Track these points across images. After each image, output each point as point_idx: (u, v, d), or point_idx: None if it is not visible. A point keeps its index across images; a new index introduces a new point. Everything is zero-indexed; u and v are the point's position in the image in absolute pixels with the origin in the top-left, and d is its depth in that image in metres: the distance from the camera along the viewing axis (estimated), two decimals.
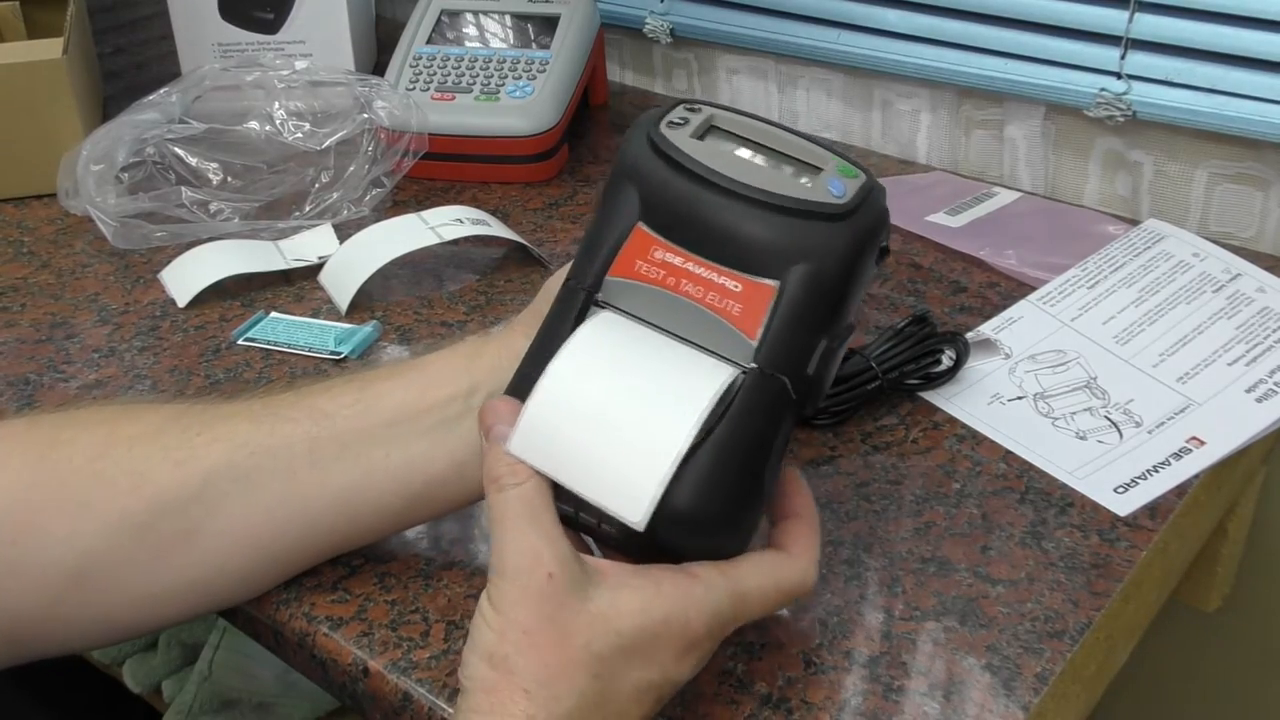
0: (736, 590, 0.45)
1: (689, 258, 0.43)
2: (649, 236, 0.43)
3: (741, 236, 0.43)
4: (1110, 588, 0.56)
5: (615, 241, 0.44)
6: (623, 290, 0.44)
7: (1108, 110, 0.84)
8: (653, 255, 0.43)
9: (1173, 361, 0.70)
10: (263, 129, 0.89)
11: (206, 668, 0.98)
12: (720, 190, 0.43)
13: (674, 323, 0.43)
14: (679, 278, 0.43)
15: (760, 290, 0.42)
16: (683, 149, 0.44)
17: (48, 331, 0.77)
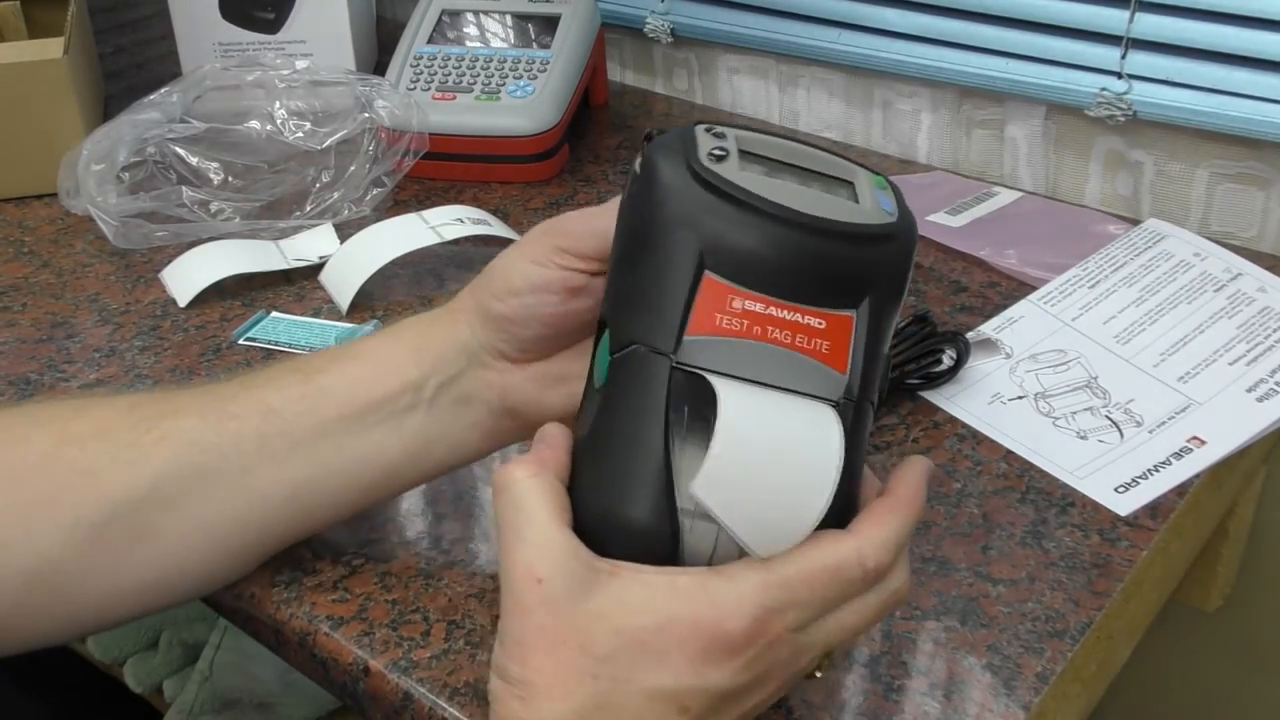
0: (773, 579, 0.40)
1: (770, 302, 0.41)
2: (721, 285, 0.40)
3: (822, 272, 0.41)
4: (1111, 587, 0.56)
5: (685, 296, 0.41)
6: (706, 348, 0.41)
7: (1108, 110, 0.84)
8: (731, 305, 0.40)
9: (1173, 361, 0.70)
10: (263, 128, 0.89)
11: (207, 667, 0.98)
12: (794, 226, 0.41)
13: (763, 371, 0.41)
14: (764, 325, 0.40)
15: (841, 322, 0.41)
16: (741, 184, 0.41)
17: (48, 331, 0.77)
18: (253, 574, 0.56)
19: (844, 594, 0.42)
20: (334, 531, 0.59)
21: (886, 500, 0.43)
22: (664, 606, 0.40)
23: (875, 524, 0.42)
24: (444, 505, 0.61)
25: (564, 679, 0.40)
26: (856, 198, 0.43)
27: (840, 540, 0.41)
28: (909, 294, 0.47)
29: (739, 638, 0.40)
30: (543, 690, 0.40)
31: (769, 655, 0.41)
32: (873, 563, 0.42)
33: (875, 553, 0.42)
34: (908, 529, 0.43)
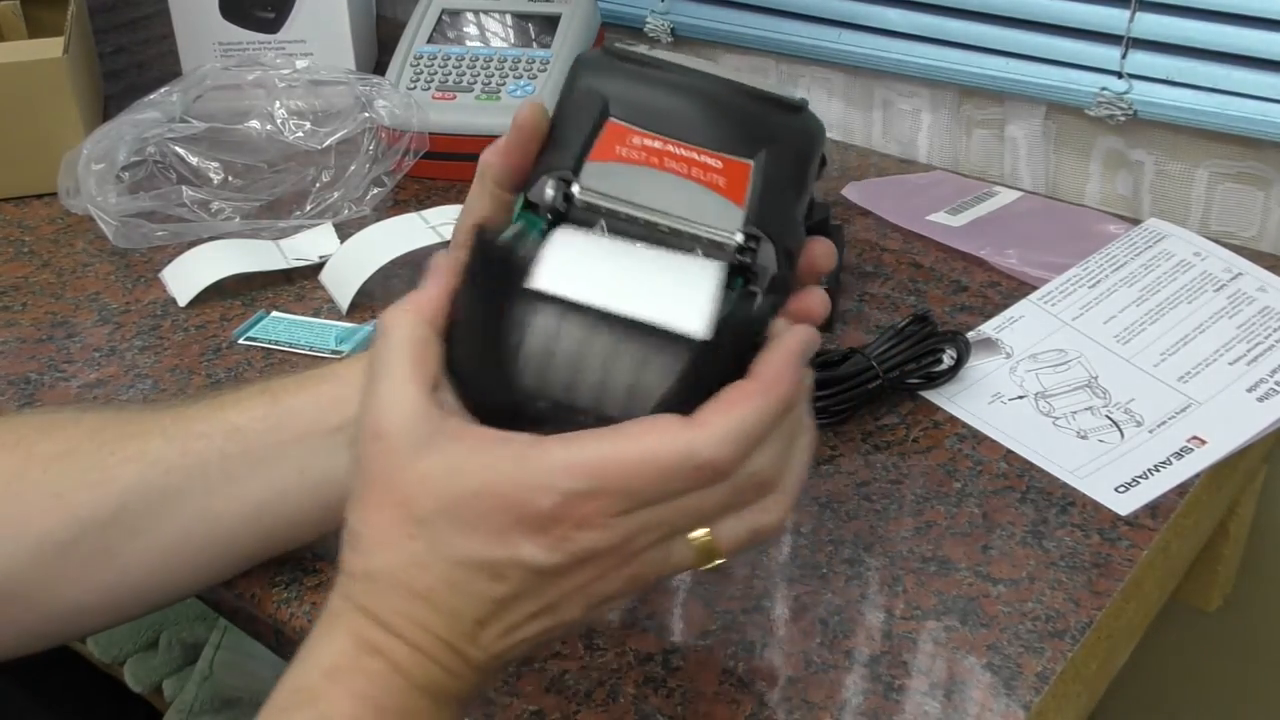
0: (585, 464, 0.38)
1: (668, 140, 0.43)
2: (623, 127, 0.43)
3: (715, 119, 0.44)
4: (1111, 587, 0.56)
5: (587, 134, 0.43)
6: (605, 173, 0.43)
7: (1109, 109, 0.84)
8: (631, 142, 0.43)
9: (1174, 361, 0.70)
10: (263, 128, 0.89)
11: (207, 667, 0.98)
12: (684, 75, 0.44)
13: (661, 200, 0.42)
14: (661, 157, 0.43)
15: (738, 166, 0.43)
16: (643, 53, 0.45)
17: (49, 331, 0.77)
18: (253, 574, 0.56)
19: (670, 490, 0.38)
20: (334, 531, 0.58)
21: (741, 385, 0.39)
22: (480, 476, 0.39)
23: (719, 413, 0.38)
24: None
25: (387, 535, 0.40)
26: (746, 78, 0.46)
27: (668, 432, 0.38)
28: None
29: (544, 515, 0.38)
30: (370, 542, 0.41)
31: (583, 537, 0.38)
32: (706, 457, 0.38)
33: (711, 447, 0.38)
34: (764, 419, 0.39)
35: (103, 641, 1.02)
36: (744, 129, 0.44)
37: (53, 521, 0.50)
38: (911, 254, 0.83)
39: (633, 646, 0.53)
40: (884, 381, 0.67)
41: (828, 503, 0.61)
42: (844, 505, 0.61)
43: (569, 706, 0.50)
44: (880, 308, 0.77)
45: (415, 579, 0.40)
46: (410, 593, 0.40)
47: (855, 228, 0.87)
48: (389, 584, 0.40)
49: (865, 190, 0.91)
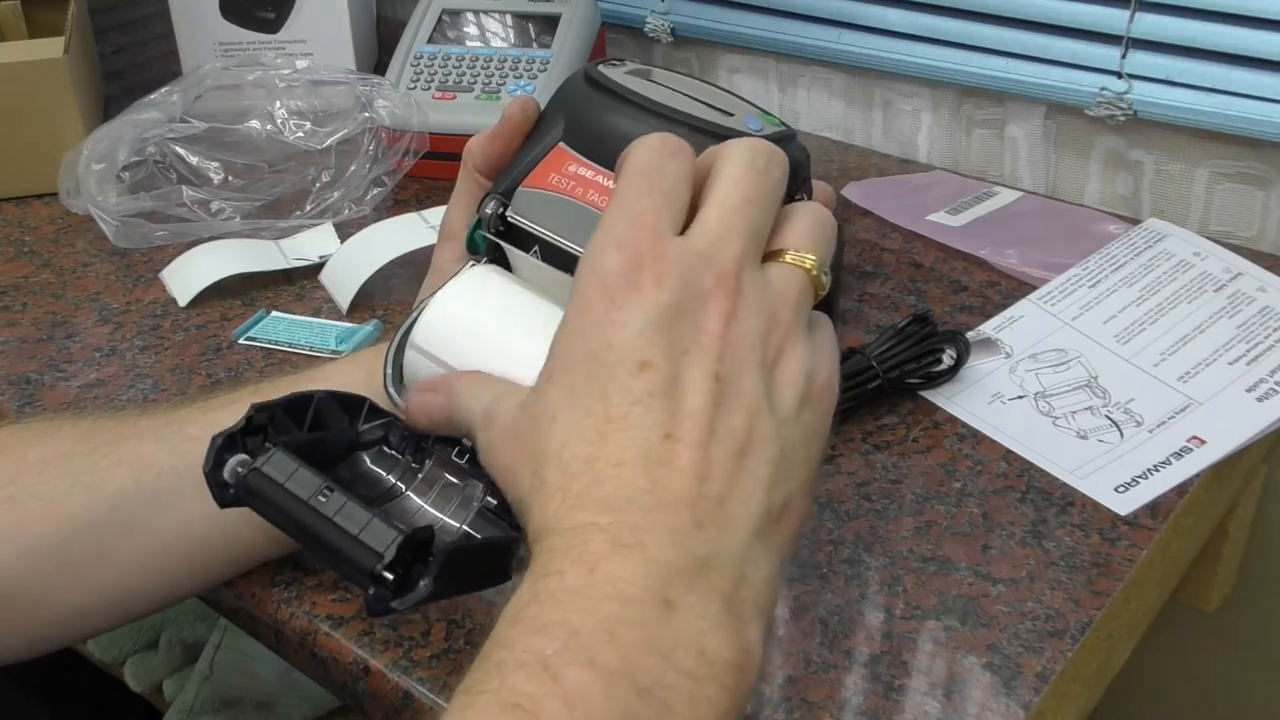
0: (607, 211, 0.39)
1: (600, 171, 0.44)
2: (567, 154, 0.44)
3: None
4: (1111, 587, 0.56)
5: (534, 159, 0.45)
6: (532, 200, 0.44)
7: (1108, 109, 0.84)
8: (566, 169, 0.44)
9: (1173, 361, 0.70)
10: (264, 128, 0.89)
11: (207, 667, 0.98)
12: (635, 107, 0.44)
13: (576, 232, 0.43)
14: (587, 188, 0.44)
15: None
16: (613, 78, 0.45)
17: (49, 330, 0.77)
18: (253, 574, 0.56)
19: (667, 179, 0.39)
20: None
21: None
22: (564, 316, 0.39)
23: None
24: None
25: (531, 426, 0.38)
26: (727, 114, 0.46)
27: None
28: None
29: (620, 269, 0.37)
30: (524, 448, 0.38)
31: (669, 265, 0.37)
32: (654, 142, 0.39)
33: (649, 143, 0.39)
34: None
35: (103, 641, 1.02)
36: None
37: (46, 525, 0.50)
38: (911, 254, 0.83)
39: None
40: (884, 381, 0.67)
41: (828, 502, 0.61)
42: (844, 505, 0.61)
43: None
44: (880, 307, 0.77)
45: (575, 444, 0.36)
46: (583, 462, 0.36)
47: (855, 227, 0.87)
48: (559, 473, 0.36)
49: (865, 190, 0.91)
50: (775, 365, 0.38)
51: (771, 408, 0.37)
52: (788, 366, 0.38)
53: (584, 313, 0.37)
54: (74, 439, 0.53)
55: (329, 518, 0.41)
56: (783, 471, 0.37)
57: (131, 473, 0.51)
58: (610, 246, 0.38)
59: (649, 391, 0.36)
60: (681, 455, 0.35)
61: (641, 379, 0.36)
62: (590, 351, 0.37)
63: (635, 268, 0.37)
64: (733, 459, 0.36)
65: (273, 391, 0.53)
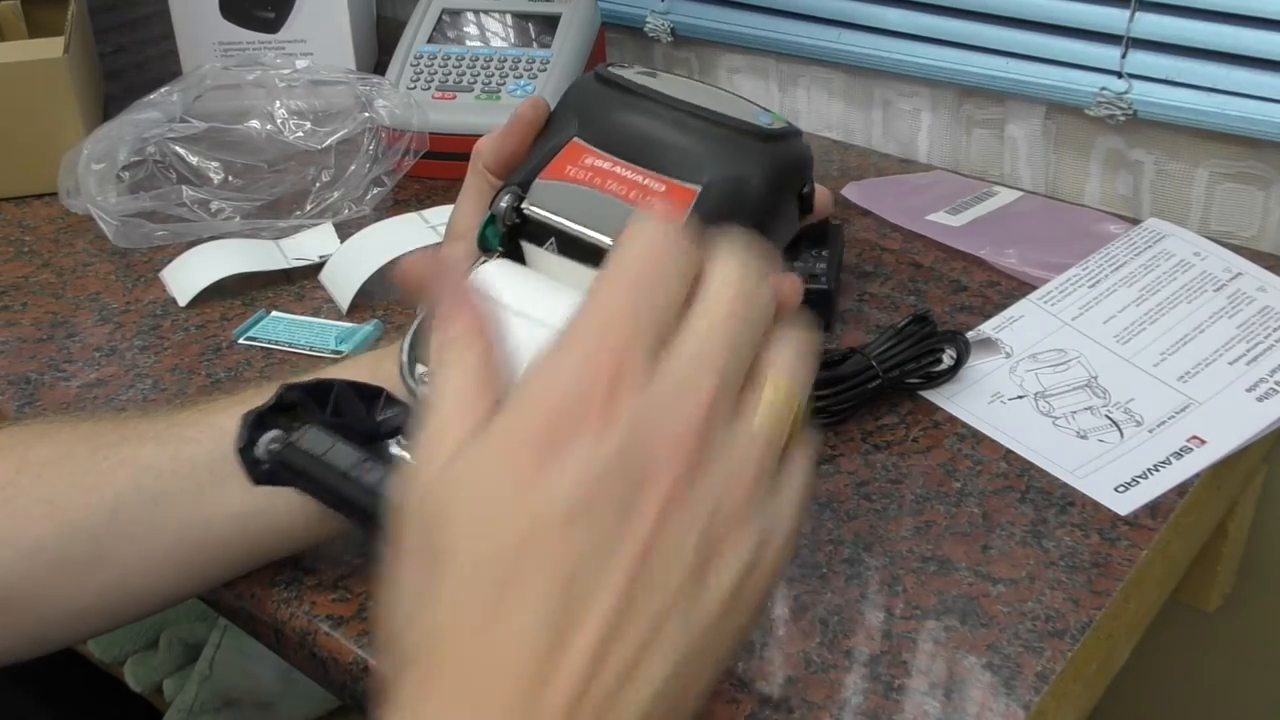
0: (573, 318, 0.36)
1: (617, 162, 0.44)
2: (583, 147, 0.45)
3: (667, 142, 0.44)
4: (1111, 587, 0.56)
5: (549, 152, 0.45)
6: (549, 191, 0.44)
7: (1109, 109, 0.84)
8: (583, 162, 0.44)
9: (1173, 360, 0.70)
10: (264, 128, 0.89)
11: (207, 667, 0.98)
12: (651, 101, 0.45)
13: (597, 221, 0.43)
14: (605, 179, 0.44)
15: (682, 191, 0.43)
16: (626, 77, 0.46)
17: (49, 330, 0.77)
18: (253, 574, 0.56)
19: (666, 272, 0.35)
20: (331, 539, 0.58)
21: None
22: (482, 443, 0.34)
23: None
24: None
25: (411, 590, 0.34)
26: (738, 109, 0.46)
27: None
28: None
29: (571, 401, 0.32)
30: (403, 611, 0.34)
31: (626, 399, 0.32)
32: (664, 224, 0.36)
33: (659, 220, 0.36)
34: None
35: (103, 641, 1.02)
36: (697, 154, 0.44)
37: (46, 529, 0.50)
38: (911, 254, 0.83)
39: None
40: (884, 381, 0.67)
41: (828, 502, 0.61)
42: (844, 505, 0.61)
43: None
44: (880, 307, 0.77)
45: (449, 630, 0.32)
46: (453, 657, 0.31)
47: (855, 227, 0.87)
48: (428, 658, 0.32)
49: (865, 190, 0.91)
50: (710, 561, 0.32)
51: (685, 617, 0.32)
52: (725, 563, 0.33)
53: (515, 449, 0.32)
54: (74, 441, 0.53)
55: (374, 489, 0.41)
56: (677, 683, 0.32)
57: (131, 475, 0.51)
58: (565, 371, 0.33)
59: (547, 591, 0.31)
60: (559, 679, 0.30)
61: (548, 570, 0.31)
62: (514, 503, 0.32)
63: (584, 407, 0.32)
64: (620, 673, 0.31)
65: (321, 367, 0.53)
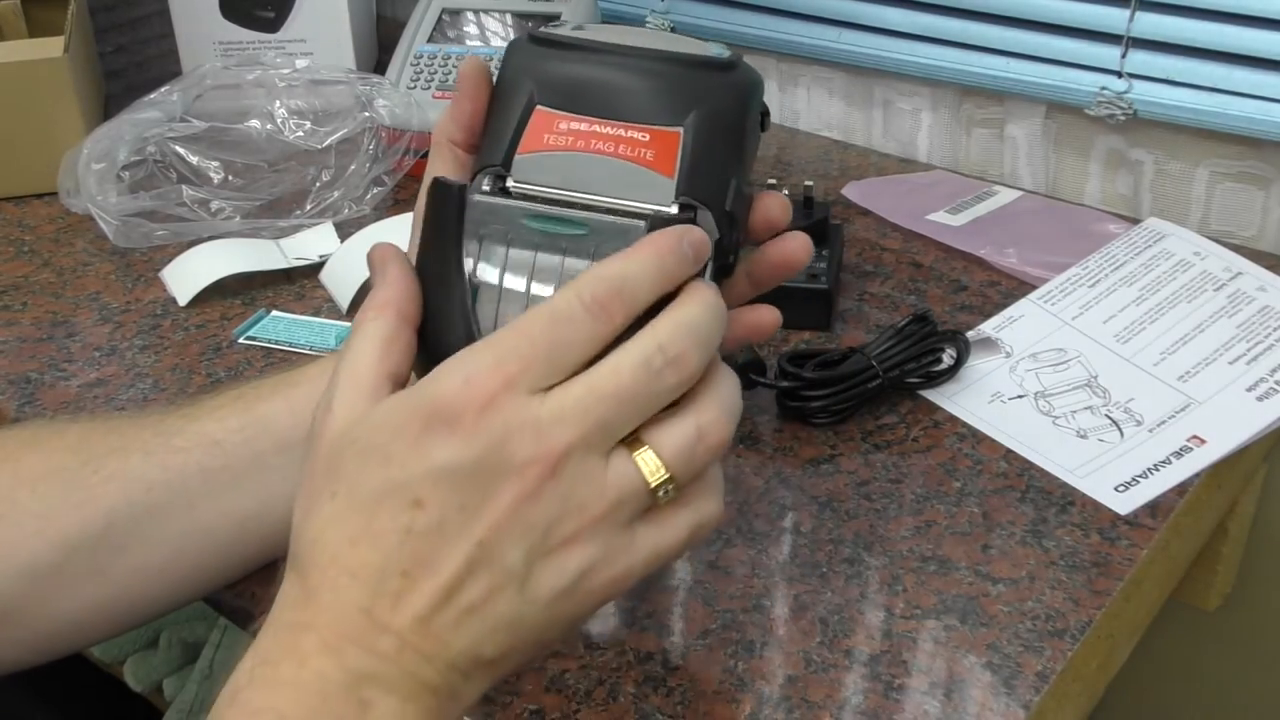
0: (481, 343, 0.38)
1: (594, 121, 0.44)
2: (550, 113, 0.44)
3: (640, 91, 0.44)
4: (1111, 586, 0.56)
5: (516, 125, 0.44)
6: (535, 164, 0.44)
7: (1109, 109, 0.84)
8: (557, 127, 0.44)
9: (1173, 360, 0.70)
10: (264, 127, 0.89)
11: (208, 666, 0.98)
12: (604, 54, 0.44)
13: (592, 183, 0.43)
14: (589, 139, 0.43)
15: (667, 136, 0.43)
16: (565, 35, 0.45)
17: (49, 330, 0.77)
18: (253, 573, 0.56)
19: (570, 339, 0.37)
20: None
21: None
22: (390, 404, 0.38)
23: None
24: None
25: (310, 504, 0.39)
26: (679, 44, 0.46)
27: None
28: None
29: (452, 401, 0.36)
30: (296, 522, 0.39)
31: (497, 422, 0.36)
32: (590, 294, 0.37)
33: (589, 284, 0.38)
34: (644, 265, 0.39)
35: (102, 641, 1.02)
36: (669, 97, 0.44)
37: (41, 544, 0.50)
38: (911, 253, 0.83)
39: (632, 645, 0.53)
40: (884, 381, 0.67)
41: (828, 502, 0.61)
42: (844, 504, 0.61)
43: (569, 705, 0.50)
44: (880, 307, 0.77)
45: (330, 537, 0.37)
46: (328, 558, 0.37)
47: (855, 227, 0.87)
48: (308, 557, 0.38)
49: (865, 190, 0.91)
50: (550, 553, 0.37)
51: (521, 588, 0.37)
52: (564, 559, 0.37)
53: (407, 420, 0.37)
54: (63, 451, 0.52)
55: None
56: (506, 636, 0.38)
57: (122, 489, 0.51)
58: (462, 372, 0.37)
59: (408, 528, 0.36)
60: (408, 596, 0.37)
61: (408, 514, 0.36)
62: (388, 457, 0.37)
63: (464, 407, 0.36)
64: (457, 614, 0.37)
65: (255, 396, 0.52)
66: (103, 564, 0.51)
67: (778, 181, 0.84)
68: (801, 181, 0.80)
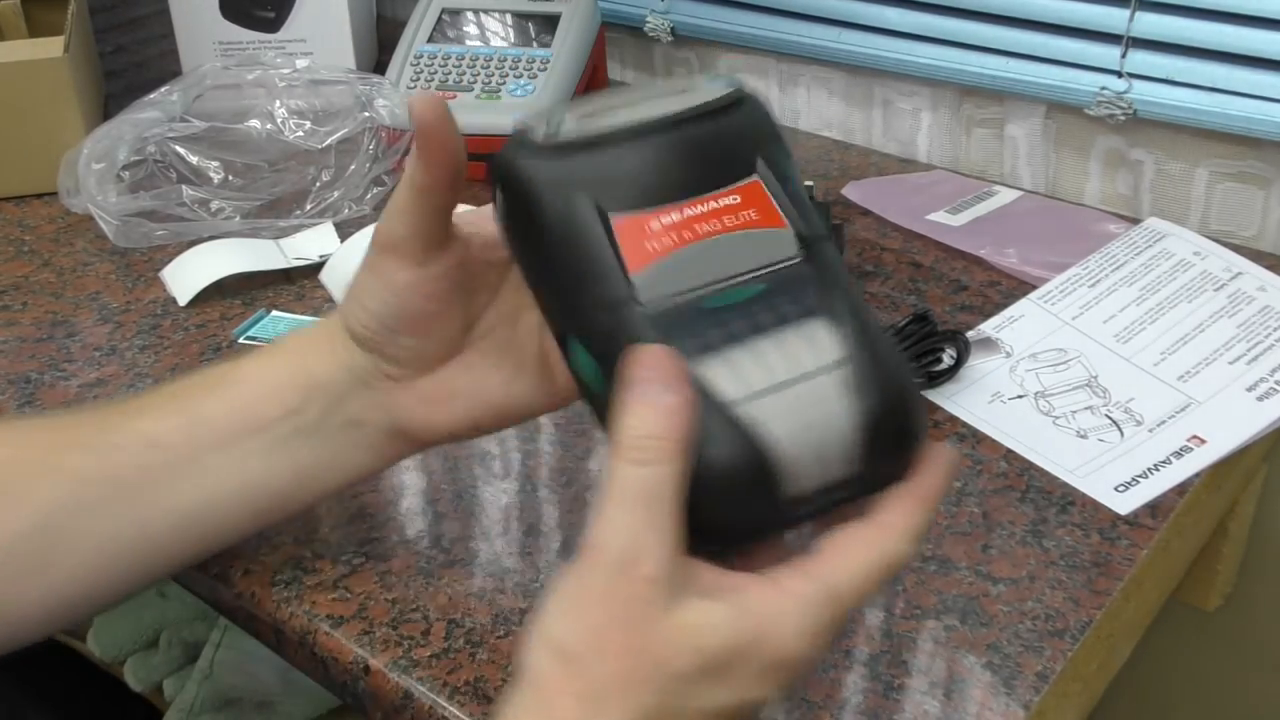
0: (830, 595, 0.39)
1: (681, 207, 0.41)
2: (631, 218, 0.40)
3: (699, 158, 0.41)
4: (1111, 586, 0.56)
5: (609, 248, 0.40)
6: (655, 275, 0.40)
7: (1109, 109, 0.84)
8: (650, 229, 0.40)
9: (1173, 360, 0.70)
10: (264, 127, 0.89)
11: (208, 666, 0.98)
12: (637, 137, 0.41)
13: (716, 267, 0.40)
14: (692, 227, 0.40)
15: (751, 189, 0.42)
16: (588, 132, 0.42)
17: (49, 330, 0.77)
18: (253, 573, 0.56)
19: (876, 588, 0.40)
20: (334, 530, 0.59)
21: (914, 489, 0.40)
22: (744, 628, 0.38)
23: (911, 513, 0.40)
24: (444, 504, 0.61)
25: (633, 690, 0.37)
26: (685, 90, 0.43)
27: (895, 540, 0.39)
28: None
29: (798, 655, 0.38)
30: (604, 695, 0.37)
31: (814, 661, 0.40)
32: (911, 556, 0.40)
33: (915, 547, 0.40)
34: (930, 518, 0.40)
35: (103, 641, 1.02)
36: (726, 150, 0.42)
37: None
38: (911, 253, 0.83)
39: None
40: None
41: None
42: None
43: None
44: (880, 307, 0.77)
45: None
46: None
47: (855, 227, 0.87)
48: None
49: (865, 190, 0.91)
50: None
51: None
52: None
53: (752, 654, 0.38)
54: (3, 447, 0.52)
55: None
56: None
57: (61, 486, 0.50)
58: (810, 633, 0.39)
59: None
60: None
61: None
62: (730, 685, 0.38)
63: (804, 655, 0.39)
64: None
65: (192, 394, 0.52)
66: (41, 559, 0.50)
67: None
68: (801, 181, 0.80)
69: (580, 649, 0.37)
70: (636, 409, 0.37)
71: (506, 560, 0.58)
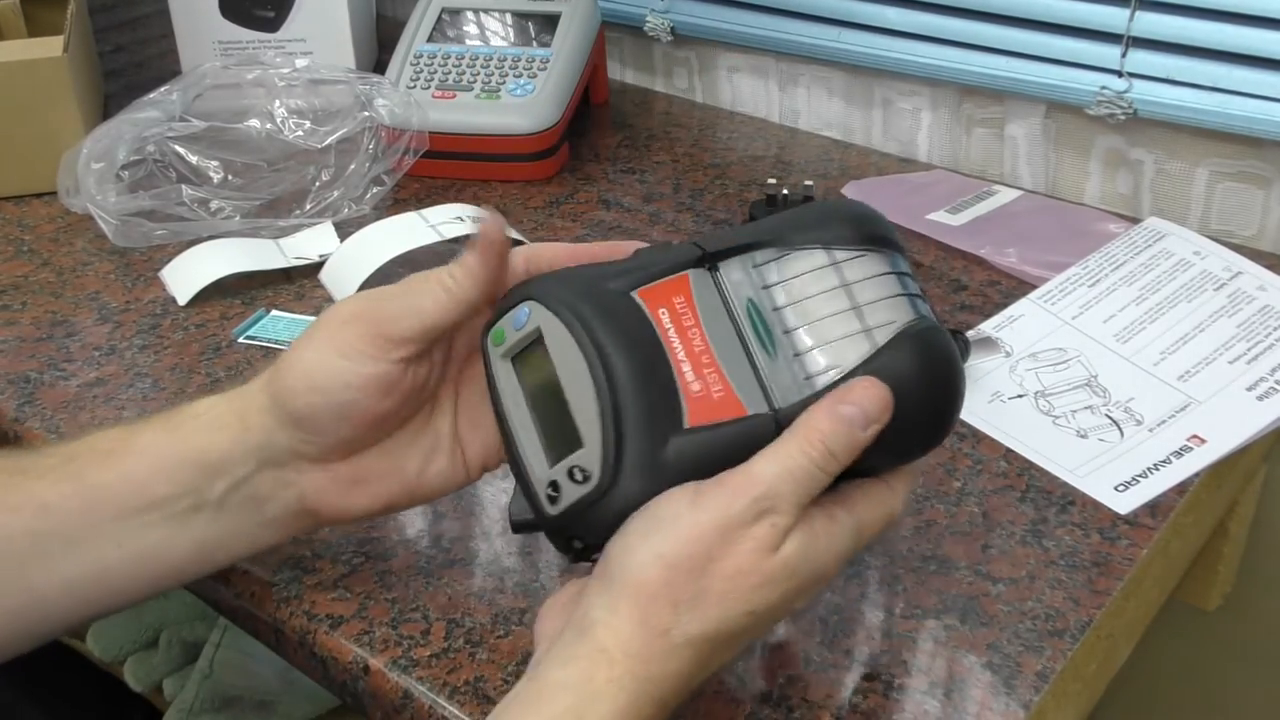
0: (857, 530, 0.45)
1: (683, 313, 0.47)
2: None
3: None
4: (1111, 586, 0.56)
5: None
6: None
7: (1109, 108, 0.84)
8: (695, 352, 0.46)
9: (1173, 360, 0.70)
10: (263, 127, 0.89)
11: (208, 666, 0.98)
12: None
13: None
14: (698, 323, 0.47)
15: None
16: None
17: (48, 330, 0.77)
18: (253, 574, 0.56)
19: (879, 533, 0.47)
20: (334, 530, 0.59)
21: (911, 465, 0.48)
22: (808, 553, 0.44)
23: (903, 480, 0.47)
24: (443, 504, 0.61)
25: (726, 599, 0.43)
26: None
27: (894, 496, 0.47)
28: None
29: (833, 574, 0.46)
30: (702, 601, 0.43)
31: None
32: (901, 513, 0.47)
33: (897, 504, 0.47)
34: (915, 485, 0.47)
35: (103, 640, 1.02)
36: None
37: None
38: (911, 253, 0.83)
39: None
40: None
41: None
42: None
43: None
44: None
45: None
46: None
47: None
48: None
49: (865, 189, 0.91)
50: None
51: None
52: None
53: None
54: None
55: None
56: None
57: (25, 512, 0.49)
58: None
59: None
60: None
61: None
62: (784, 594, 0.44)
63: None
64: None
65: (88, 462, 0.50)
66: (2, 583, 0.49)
67: (777, 181, 0.84)
68: (801, 181, 0.80)
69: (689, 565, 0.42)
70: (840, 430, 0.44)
71: (506, 560, 0.58)
